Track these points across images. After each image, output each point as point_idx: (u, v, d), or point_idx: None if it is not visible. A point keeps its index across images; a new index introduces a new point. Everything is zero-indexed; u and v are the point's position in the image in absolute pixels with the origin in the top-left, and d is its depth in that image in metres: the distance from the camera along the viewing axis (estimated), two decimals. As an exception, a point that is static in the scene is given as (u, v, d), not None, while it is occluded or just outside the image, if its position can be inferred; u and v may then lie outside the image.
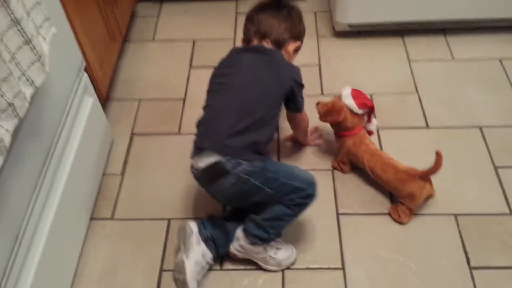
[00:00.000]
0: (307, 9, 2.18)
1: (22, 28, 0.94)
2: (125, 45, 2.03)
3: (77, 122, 1.40)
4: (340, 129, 1.48)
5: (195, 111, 1.42)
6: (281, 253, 1.33)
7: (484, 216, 1.44)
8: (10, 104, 0.90)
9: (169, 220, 1.48)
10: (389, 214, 1.45)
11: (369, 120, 1.50)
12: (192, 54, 2.00)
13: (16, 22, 0.92)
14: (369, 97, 1.76)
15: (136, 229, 1.46)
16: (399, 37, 2.01)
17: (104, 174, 1.60)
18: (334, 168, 1.58)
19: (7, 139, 0.90)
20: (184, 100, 1.82)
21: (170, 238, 1.43)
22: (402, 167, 1.39)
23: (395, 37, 2.01)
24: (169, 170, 1.58)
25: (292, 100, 1.38)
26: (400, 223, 1.43)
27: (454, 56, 1.93)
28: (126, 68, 1.96)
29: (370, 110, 1.48)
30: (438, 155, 1.29)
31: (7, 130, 0.90)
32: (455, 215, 1.45)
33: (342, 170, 1.56)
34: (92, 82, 1.52)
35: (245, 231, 1.30)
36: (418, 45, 1.98)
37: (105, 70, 1.67)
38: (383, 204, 1.48)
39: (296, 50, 1.45)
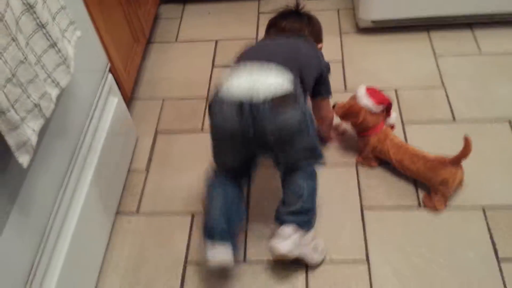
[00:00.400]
0: (330, 7, 2.17)
1: (47, 32, 0.97)
2: (148, 46, 2.06)
3: (102, 121, 1.43)
4: (362, 129, 1.48)
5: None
6: (319, 240, 1.33)
7: (513, 209, 1.41)
8: (36, 105, 0.93)
9: (193, 214, 1.50)
10: (424, 204, 1.44)
11: (388, 115, 1.49)
12: (214, 54, 2.02)
13: (41, 26, 0.95)
14: (393, 93, 1.76)
15: (161, 223, 1.49)
16: (425, 32, 1.98)
17: (129, 171, 1.63)
18: (359, 162, 1.56)
19: (34, 138, 0.93)
20: (206, 98, 1.84)
21: (194, 232, 1.45)
22: (431, 156, 1.39)
23: (420, 32, 1.98)
24: (193, 166, 1.60)
25: (323, 83, 1.39)
26: (436, 210, 1.41)
27: (482, 50, 1.89)
28: (150, 68, 1.99)
29: (388, 106, 1.46)
30: (467, 140, 1.29)
31: (33, 130, 0.93)
32: (483, 208, 1.42)
33: (369, 165, 1.55)
34: (117, 82, 1.56)
35: (291, 224, 1.22)
36: (444, 39, 1.95)
37: (129, 71, 1.71)
38: (408, 197, 1.46)
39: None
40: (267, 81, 1.16)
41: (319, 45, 1.48)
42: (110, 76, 1.49)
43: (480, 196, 1.44)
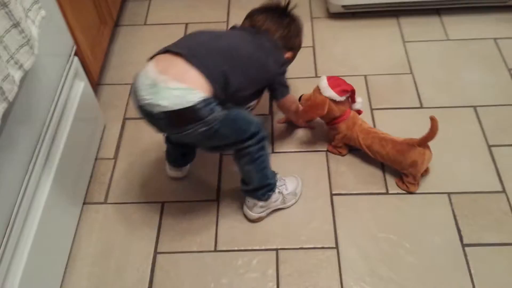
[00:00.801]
0: (301, -10, 2.16)
1: (10, 11, 0.92)
2: (116, 29, 2.01)
3: (68, 106, 1.39)
4: (330, 119, 1.48)
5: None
6: (290, 185, 1.42)
7: (477, 194, 1.45)
8: (-2, 87, 0.89)
9: (162, 203, 1.48)
10: (397, 186, 1.47)
11: (353, 101, 1.50)
12: (184, 37, 1.98)
13: (3, 4, 0.91)
14: (363, 79, 1.77)
15: (130, 212, 1.47)
16: (394, 18, 2.00)
17: (96, 159, 1.60)
18: (331, 152, 1.57)
19: (-4, 122, 0.89)
20: (177, 83, 1.81)
21: (164, 220, 1.44)
22: (400, 139, 1.41)
23: (389, 18, 2.00)
24: (163, 153, 1.57)
25: (276, 88, 1.36)
26: (410, 193, 1.45)
27: (449, 36, 1.92)
28: (117, 52, 1.94)
29: (351, 93, 1.47)
30: (433, 120, 1.31)
31: (-5, 113, 0.89)
32: (449, 194, 1.45)
33: (340, 153, 1.56)
34: (83, 66, 1.51)
35: (253, 198, 1.36)
36: (413, 25, 1.97)
37: (96, 55, 1.66)
38: (376, 184, 1.49)
39: (286, 61, 1.41)
40: (167, 91, 1.08)
41: (287, 54, 1.41)
42: (76, 59, 1.44)
43: (445, 182, 1.47)
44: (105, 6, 1.77)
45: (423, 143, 1.36)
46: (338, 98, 1.43)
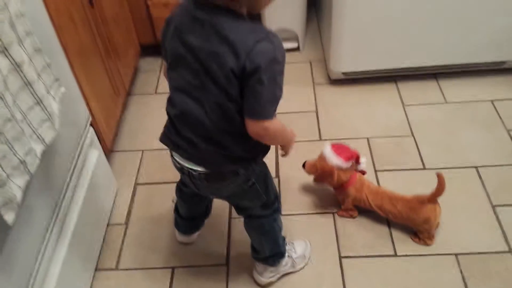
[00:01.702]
0: (303, 59, 2.27)
1: (33, 90, 1.00)
2: (128, 98, 2.10)
3: (83, 175, 1.44)
4: (338, 184, 1.52)
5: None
6: (299, 248, 1.45)
7: (485, 255, 1.46)
8: (22, 162, 0.95)
9: (173, 268, 1.50)
10: (414, 241, 1.50)
11: (357, 163, 1.54)
12: (193, 105, 2.07)
13: (28, 84, 0.98)
14: (366, 141, 1.83)
15: (141, 278, 1.48)
16: (393, 83, 2.09)
17: (108, 224, 1.63)
18: (342, 216, 1.60)
19: (19, 195, 0.94)
20: (186, 149, 1.87)
21: (175, 286, 1.44)
22: (409, 196, 1.44)
23: (388, 82, 2.09)
24: (172, 219, 1.61)
25: (250, 91, 0.94)
26: (427, 245, 1.48)
27: (447, 99, 2.00)
28: (129, 120, 2.03)
29: (356, 158, 1.52)
30: (440, 176, 1.35)
31: (19, 186, 0.94)
32: (456, 255, 1.47)
33: (351, 216, 1.59)
34: (97, 135, 1.58)
35: (264, 264, 1.38)
36: (411, 89, 2.05)
37: (109, 124, 1.74)
38: (384, 245, 1.50)
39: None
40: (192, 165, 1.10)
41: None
42: (91, 129, 1.51)
43: (452, 243, 1.49)
44: (118, 77, 1.87)
45: (433, 199, 1.40)
46: (344, 165, 1.47)
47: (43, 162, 1.17)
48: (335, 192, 1.58)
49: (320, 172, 1.50)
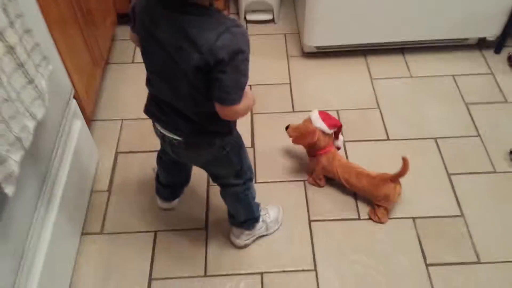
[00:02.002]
0: (278, 31, 2.34)
1: (26, 70, 1.06)
2: (106, 67, 2.14)
3: (68, 145, 1.51)
4: (314, 149, 1.63)
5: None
6: (272, 213, 1.58)
7: (439, 218, 1.63)
8: (18, 138, 1.02)
9: (155, 232, 1.61)
10: (369, 217, 1.62)
11: (336, 137, 1.66)
12: (171, 75, 2.13)
13: (21, 65, 1.04)
14: (335, 113, 1.95)
15: (125, 242, 1.58)
16: (362, 57, 2.20)
17: (92, 191, 1.71)
18: (311, 184, 1.72)
19: (17, 169, 1.02)
20: (165, 119, 1.95)
21: (157, 249, 1.56)
22: (374, 173, 1.57)
23: (358, 56, 2.20)
24: (153, 185, 1.70)
25: (216, 79, 1.00)
26: (381, 223, 1.60)
27: (412, 74, 2.12)
28: (108, 89, 2.07)
29: (338, 129, 1.63)
30: (405, 160, 1.48)
31: (16, 161, 1.02)
32: (413, 218, 1.62)
33: (318, 185, 1.71)
34: (79, 106, 1.64)
35: (240, 228, 1.50)
36: (379, 64, 2.17)
37: (90, 94, 1.79)
38: (350, 211, 1.65)
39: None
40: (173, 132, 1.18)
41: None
42: (74, 101, 1.57)
43: (410, 207, 1.65)
44: (97, 48, 1.91)
45: (395, 179, 1.53)
46: (327, 130, 1.58)
47: (33, 136, 1.24)
48: (308, 160, 1.69)
49: (303, 131, 1.60)
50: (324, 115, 1.61)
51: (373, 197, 1.58)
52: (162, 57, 1.03)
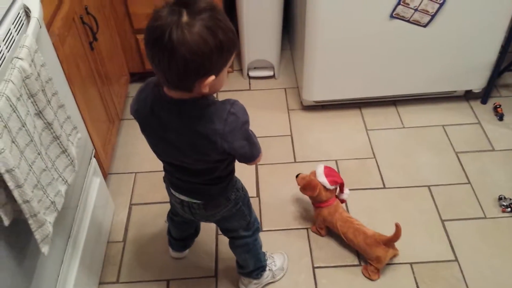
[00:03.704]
0: (279, 86, 2.52)
1: (60, 142, 1.20)
2: (120, 123, 2.29)
3: (88, 201, 1.64)
4: (316, 201, 1.75)
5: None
6: (278, 261, 1.68)
7: (434, 263, 1.73)
8: (52, 202, 1.15)
9: (168, 281, 1.71)
10: (362, 273, 1.71)
11: (341, 191, 1.78)
12: (179, 129, 2.28)
13: (56, 137, 1.18)
14: (334, 163, 2.08)
15: (140, 291, 1.69)
16: (357, 109, 2.35)
17: (108, 242, 1.83)
18: (313, 232, 1.84)
19: (51, 230, 1.14)
20: (175, 172, 2.08)
21: (171, 297, 1.67)
22: (370, 233, 1.67)
23: (354, 109, 2.35)
24: (165, 235, 1.81)
25: (236, 155, 1.16)
26: (371, 280, 1.69)
27: (404, 124, 2.27)
28: (121, 144, 2.22)
29: (340, 185, 1.76)
30: (398, 226, 1.58)
31: (50, 223, 1.14)
32: (411, 264, 1.73)
33: (319, 234, 1.83)
34: (97, 163, 1.77)
35: (248, 277, 1.60)
36: (374, 115, 2.32)
37: (107, 151, 1.93)
38: (351, 257, 1.76)
39: (215, 81, 0.98)
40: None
41: (206, 80, 0.95)
42: (94, 160, 1.71)
43: (407, 253, 1.75)
44: (113, 107, 2.07)
45: (388, 243, 1.63)
46: (328, 186, 1.70)
47: (61, 196, 1.37)
48: (314, 209, 1.81)
49: (306, 183, 1.72)
50: (328, 170, 1.72)
51: (366, 255, 1.68)
52: (175, 154, 1.14)
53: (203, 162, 1.15)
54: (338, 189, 1.77)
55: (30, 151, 1.06)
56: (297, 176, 1.80)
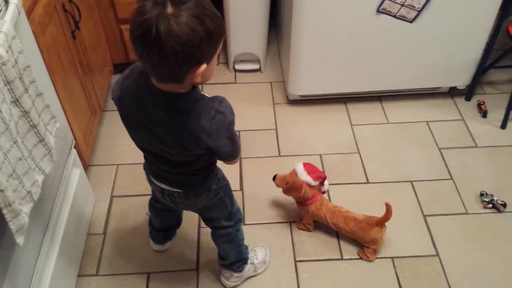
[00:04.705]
0: (264, 80, 2.50)
1: (38, 131, 1.17)
2: (102, 114, 2.26)
3: (67, 192, 1.61)
4: (302, 200, 1.74)
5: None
6: (260, 254, 1.68)
7: (416, 258, 1.74)
8: (28, 192, 1.12)
9: (148, 273, 1.70)
10: (359, 256, 1.73)
11: (322, 184, 1.77)
12: (163, 121, 2.25)
13: (33, 126, 1.16)
14: (319, 157, 2.08)
15: (119, 283, 1.67)
16: (343, 104, 2.35)
17: (88, 234, 1.80)
18: (301, 229, 1.83)
19: (27, 221, 1.12)
20: (158, 164, 2.06)
21: (151, 290, 1.65)
22: (361, 217, 1.68)
23: (339, 104, 2.35)
24: (146, 228, 1.79)
25: (217, 153, 1.14)
26: (370, 261, 1.71)
27: (389, 120, 2.28)
28: (103, 135, 2.19)
29: (323, 179, 1.75)
30: (388, 206, 1.60)
31: (26, 213, 1.12)
32: (392, 258, 1.74)
33: (308, 230, 1.82)
34: (78, 154, 1.75)
35: (230, 270, 1.59)
36: (359, 110, 2.32)
37: (88, 142, 1.90)
38: (333, 251, 1.76)
39: (207, 69, 0.96)
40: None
41: (198, 70, 0.94)
42: (74, 151, 1.68)
43: (389, 248, 1.76)
44: (95, 97, 2.03)
45: (381, 223, 1.65)
46: (313, 183, 1.69)
47: (39, 187, 1.34)
48: (298, 207, 1.80)
49: (291, 185, 1.71)
50: (308, 167, 1.71)
51: (361, 239, 1.69)
52: (157, 145, 1.12)
53: (186, 155, 1.15)
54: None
55: (6, 139, 1.03)
56: (274, 178, 1.78)
